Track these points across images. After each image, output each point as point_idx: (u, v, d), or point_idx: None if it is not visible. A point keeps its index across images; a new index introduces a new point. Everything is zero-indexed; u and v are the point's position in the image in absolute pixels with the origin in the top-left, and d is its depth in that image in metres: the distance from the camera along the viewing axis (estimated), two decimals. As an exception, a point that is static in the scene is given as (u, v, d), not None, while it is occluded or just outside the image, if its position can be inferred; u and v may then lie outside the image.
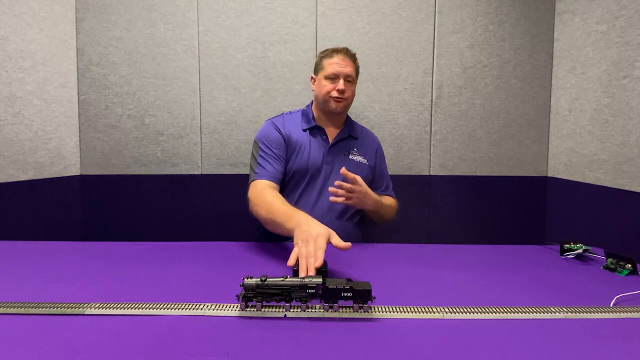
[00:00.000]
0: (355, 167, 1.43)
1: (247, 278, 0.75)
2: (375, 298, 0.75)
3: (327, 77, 1.42)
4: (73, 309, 0.75)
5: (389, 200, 1.52)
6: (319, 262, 0.87)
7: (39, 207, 1.84)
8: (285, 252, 1.17)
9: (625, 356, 0.63)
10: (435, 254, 1.17)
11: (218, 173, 2.03)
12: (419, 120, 2.05)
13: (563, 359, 0.62)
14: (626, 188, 1.62)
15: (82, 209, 2.02)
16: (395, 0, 2.00)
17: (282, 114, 1.53)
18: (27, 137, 1.79)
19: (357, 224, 1.47)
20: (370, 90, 2.03)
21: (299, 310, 0.75)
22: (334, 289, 0.74)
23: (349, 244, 0.94)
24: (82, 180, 2.02)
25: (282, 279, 0.75)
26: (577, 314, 0.75)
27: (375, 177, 1.53)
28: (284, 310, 0.75)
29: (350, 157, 1.46)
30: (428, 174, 2.08)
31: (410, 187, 2.01)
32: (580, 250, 1.10)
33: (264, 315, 0.74)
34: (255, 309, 0.75)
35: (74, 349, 0.63)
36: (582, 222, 1.85)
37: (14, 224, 1.74)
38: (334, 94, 1.40)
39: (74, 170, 2.00)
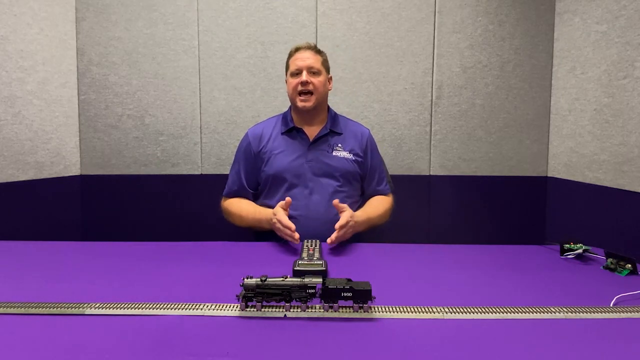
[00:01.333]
0: (339, 162, 1.43)
1: (247, 278, 0.75)
2: (375, 298, 0.74)
3: (292, 75, 1.43)
4: (73, 309, 0.75)
5: (379, 207, 1.47)
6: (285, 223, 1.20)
7: (39, 207, 1.84)
8: (286, 252, 1.17)
9: (625, 356, 0.63)
10: (435, 254, 1.17)
11: (218, 173, 2.03)
12: (419, 120, 2.05)
13: (563, 359, 0.62)
14: (626, 188, 1.62)
15: (82, 209, 2.02)
16: (395, 0, 2.00)
17: (262, 121, 1.57)
18: (27, 137, 1.79)
19: None
20: (370, 90, 2.03)
21: (299, 310, 0.75)
22: (334, 289, 0.74)
23: None
24: (82, 180, 2.02)
25: (282, 279, 0.75)
26: (577, 314, 0.75)
27: (367, 171, 1.50)
28: (284, 310, 0.75)
29: (333, 153, 1.44)
30: (428, 174, 2.08)
31: (410, 187, 2.01)
32: (580, 250, 1.10)
33: (264, 315, 0.74)
34: (255, 309, 0.75)
35: (74, 349, 0.63)
36: (582, 222, 1.85)
37: (14, 224, 1.74)
38: (299, 87, 1.40)
39: (74, 170, 2.00)
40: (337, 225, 1.20)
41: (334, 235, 1.19)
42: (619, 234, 1.63)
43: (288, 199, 1.26)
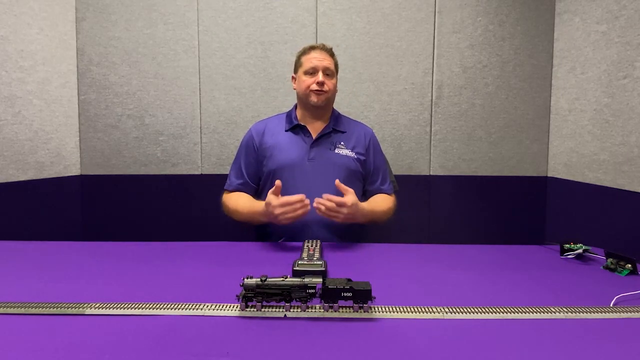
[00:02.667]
0: (342, 160, 1.43)
1: (247, 278, 0.75)
2: (375, 298, 0.74)
3: (306, 73, 1.43)
4: (73, 309, 0.75)
5: (383, 204, 1.47)
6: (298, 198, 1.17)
7: (39, 207, 1.84)
8: (286, 252, 1.17)
9: (625, 356, 0.63)
10: (435, 254, 1.17)
11: (218, 173, 2.03)
12: (419, 120, 2.05)
13: (563, 359, 0.62)
14: (626, 188, 1.62)
15: (82, 209, 2.02)
16: (395, 0, 2.00)
17: (266, 118, 1.57)
18: (27, 137, 1.79)
19: None
20: (370, 90, 2.03)
21: (299, 310, 0.75)
22: (334, 289, 0.74)
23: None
24: (82, 180, 2.02)
25: (282, 279, 0.75)
26: (577, 314, 0.75)
27: (370, 170, 1.50)
28: (284, 310, 0.75)
29: (336, 151, 1.44)
30: (428, 174, 2.08)
31: (410, 187, 2.01)
32: (580, 250, 1.10)
33: (264, 315, 0.74)
34: (255, 309, 0.75)
35: (74, 349, 0.63)
36: (582, 222, 1.85)
37: (14, 224, 1.74)
38: (314, 87, 1.40)
39: (74, 170, 2.00)
40: (342, 201, 1.20)
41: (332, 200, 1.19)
42: (619, 234, 1.63)
43: (278, 182, 1.22)
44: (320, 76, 1.40)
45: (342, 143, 1.46)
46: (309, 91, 1.41)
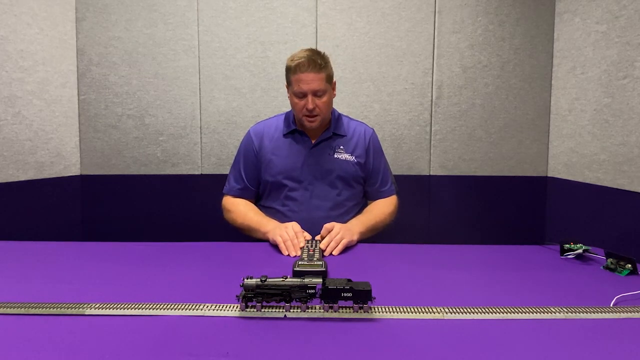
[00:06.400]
0: (340, 165, 1.42)
1: (247, 278, 0.75)
2: (375, 298, 0.74)
3: (296, 95, 1.35)
4: (73, 309, 0.75)
5: (379, 211, 1.45)
6: (302, 242, 1.14)
7: (39, 207, 1.84)
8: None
9: (625, 356, 0.63)
10: (435, 254, 1.17)
11: (218, 173, 2.03)
12: (419, 120, 2.05)
13: (563, 359, 0.62)
14: (626, 188, 1.62)
15: (82, 209, 2.02)
16: (395, 0, 2.00)
17: (264, 120, 1.53)
18: (27, 137, 1.79)
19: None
20: (370, 90, 2.03)
21: (299, 310, 0.75)
22: (334, 289, 0.74)
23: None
24: (82, 180, 2.02)
25: (282, 279, 0.75)
26: (577, 314, 0.75)
27: (369, 171, 1.48)
28: (284, 310, 0.75)
29: (335, 155, 1.42)
30: (428, 174, 2.08)
31: (410, 187, 2.01)
32: (580, 250, 1.10)
33: (264, 316, 0.74)
34: (255, 309, 0.75)
35: (74, 349, 0.63)
36: (582, 222, 1.85)
37: (14, 224, 1.74)
38: (304, 111, 1.34)
39: (74, 170, 2.00)
40: (322, 239, 1.20)
41: (324, 244, 1.17)
42: (619, 234, 1.63)
43: (307, 235, 1.22)
44: (309, 101, 1.32)
45: (341, 147, 1.43)
46: (301, 115, 1.36)
